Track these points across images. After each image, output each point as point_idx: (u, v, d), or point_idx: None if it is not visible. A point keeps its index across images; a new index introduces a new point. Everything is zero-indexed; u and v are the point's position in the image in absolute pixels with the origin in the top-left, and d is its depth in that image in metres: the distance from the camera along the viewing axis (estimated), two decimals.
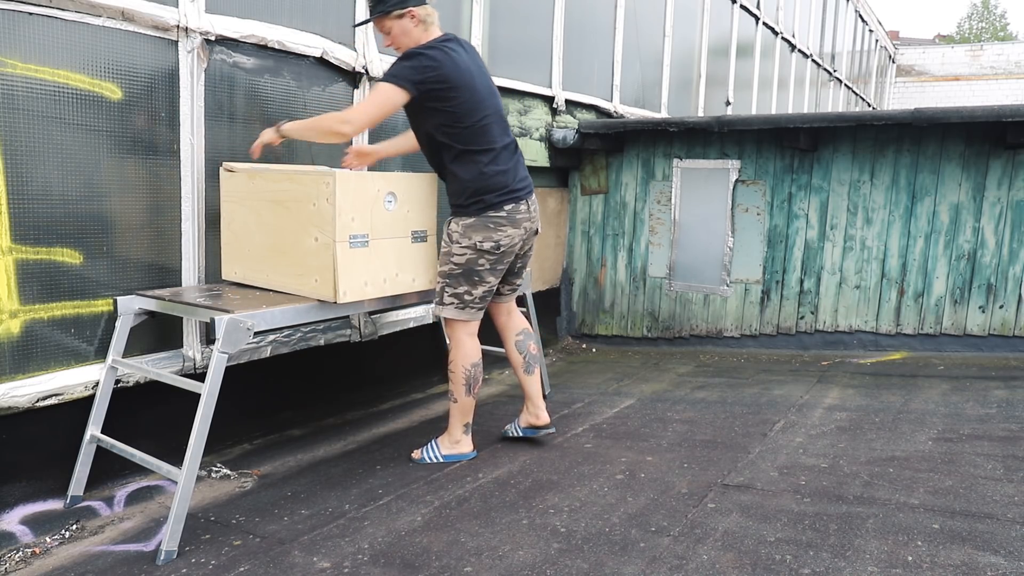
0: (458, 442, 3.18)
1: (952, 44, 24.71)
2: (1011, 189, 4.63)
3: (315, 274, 2.78)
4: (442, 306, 3.07)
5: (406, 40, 2.91)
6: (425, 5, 2.91)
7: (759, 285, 5.29)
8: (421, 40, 2.90)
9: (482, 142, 2.95)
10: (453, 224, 3.00)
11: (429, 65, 2.81)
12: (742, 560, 2.24)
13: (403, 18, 2.88)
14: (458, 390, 3.11)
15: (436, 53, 2.84)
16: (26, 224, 2.56)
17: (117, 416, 2.82)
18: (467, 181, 2.94)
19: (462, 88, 2.87)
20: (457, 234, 2.98)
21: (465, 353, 3.08)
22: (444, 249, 3.04)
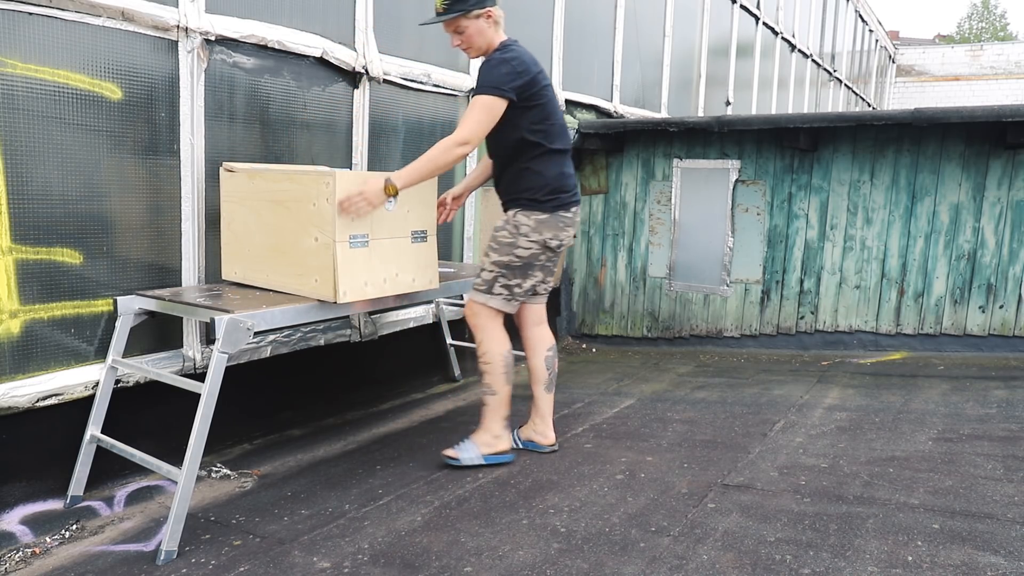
0: (498, 437, 3.09)
1: (952, 44, 24.71)
2: (1011, 189, 4.63)
3: (315, 274, 2.78)
4: (489, 295, 3.00)
5: (479, 40, 2.87)
6: (497, 6, 2.89)
7: (759, 285, 5.29)
8: (494, 41, 2.88)
9: (564, 142, 2.98)
10: (522, 216, 2.95)
11: (522, 70, 2.80)
12: (742, 560, 2.24)
13: (480, 18, 2.84)
14: (496, 380, 3.04)
15: (522, 55, 2.84)
16: (26, 224, 2.56)
17: (117, 416, 2.82)
18: (549, 178, 2.94)
19: (547, 86, 2.90)
20: (527, 227, 2.94)
21: (499, 340, 3.03)
22: (506, 240, 2.97)
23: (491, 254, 3.01)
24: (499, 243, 2.99)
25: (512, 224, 2.97)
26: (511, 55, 2.82)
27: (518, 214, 2.97)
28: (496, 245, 3.00)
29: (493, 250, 3.00)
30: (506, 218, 3.01)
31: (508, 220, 2.99)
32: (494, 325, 3.03)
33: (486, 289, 3.01)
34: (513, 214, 2.98)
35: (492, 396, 3.07)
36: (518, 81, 2.78)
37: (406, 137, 4.04)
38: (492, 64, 2.81)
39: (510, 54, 2.83)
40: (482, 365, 3.06)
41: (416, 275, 3.05)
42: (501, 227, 3.00)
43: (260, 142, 3.30)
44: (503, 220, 3.01)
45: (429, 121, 4.14)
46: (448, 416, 3.91)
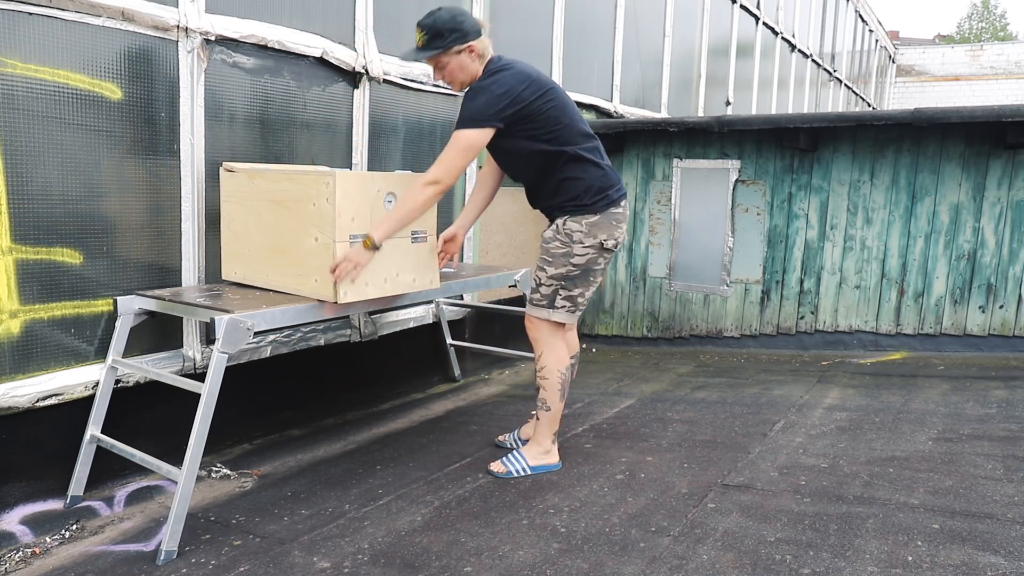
0: (548, 452, 3.02)
1: (952, 44, 24.70)
2: (1011, 189, 4.63)
3: (315, 274, 2.78)
4: (552, 310, 2.89)
5: (461, 75, 2.78)
6: (482, 37, 2.77)
7: (759, 285, 5.29)
8: (478, 71, 2.77)
9: (585, 139, 2.84)
10: (572, 223, 2.83)
11: (503, 92, 2.66)
12: (742, 560, 2.24)
13: (461, 54, 2.73)
14: (552, 396, 2.95)
15: (505, 76, 2.70)
16: (26, 224, 2.56)
17: (117, 416, 2.82)
18: (592, 179, 2.82)
19: (544, 94, 2.74)
20: (580, 233, 2.82)
21: (559, 357, 2.94)
22: (560, 251, 2.85)
23: (546, 268, 2.88)
24: (552, 255, 2.87)
25: (564, 233, 2.85)
26: (490, 81, 2.69)
27: (568, 221, 2.84)
28: (549, 258, 2.87)
29: (547, 263, 2.88)
30: (555, 227, 2.88)
31: (558, 229, 2.86)
32: (555, 340, 2.94)
33: (547, 304, 2.89)
34: (563, 222, 2.85)
35: (546, 412, 2.98)
36: (500, 106, 2.66)
37: (406, 137, 4.04)
38: (471, 96, 2.70)
39: (489, 80, 2.70)
40: (539, 380, 2.97)
41: (416, 275, 3.04)
42: (551, 238, 2.88)
43: (260, 142, 3.30)
44: (551, 230, 2.89)
45: (429, 121, 4.14)
46: (448, 416, 3.91)
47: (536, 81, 2.75)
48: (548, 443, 3.02)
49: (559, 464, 3.04)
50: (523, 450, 3.04)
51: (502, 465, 3.00)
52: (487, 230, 4.80)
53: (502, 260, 4.92)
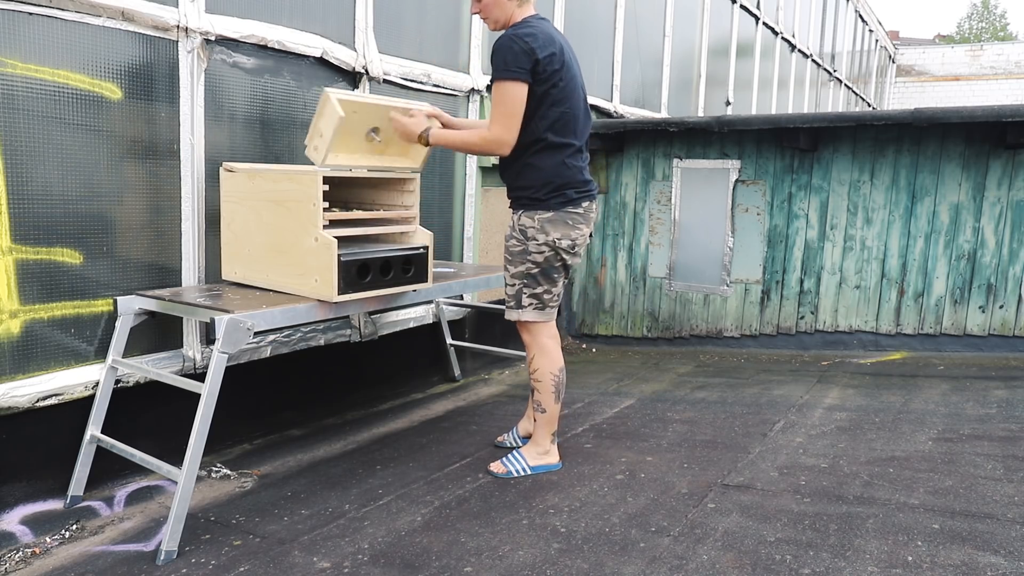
0: (547, 452, 3.01)
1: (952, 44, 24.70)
2: (1011, 189, 4.63)
3: (315, 274, 2.78)
4: (520, 310, 2.87)
5: (497, 12, 2.74)
6: None
7: (759, 285, 5.29)
8: (515, 17, 2.73)
9: (566, 134, 2.78)
10: (526, 219, 2.80)
11: (528, 48, 2.61)
12: (742, 560, 2.24)
13: None
14: (547, 399, 2.92)
15: (535, 31, 2.64)
16: (26, 224, 2.56)
17: (117, 416, 2.82)
18: (548, 173, 2.77)
19: (562, 68, 2.70)
20: (533, 229, 2.79)
21: (552, 359, 2.91)
22: (517, 248, 2.84)
23: (508, 267, 2.88)
24: (511, 253, 2.87)
25: (518, 230, 2.83)
26: (522, 32, 2.63)
27: (522, 216, 2.82)
28: (510, 256, 2.87)
29: (508, 262, 2.88)
30: (511, 224, 2.87)
31: (513, 226, 2.86)
32: (544, 339, 2.90)
33: (515, 304, 2.88)
34: (518, 218, 2.84)
35: (542, 414, 2.96)
36: (525, 60, 2.61)
37: None
38: (500, 45, 2.65)
39: (522, 30, 2.64)
40: (533, 382, 2.95)
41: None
42: (508, 235, 2.88)
43: (260, 142, 3.30)
44: (508, 228, 2.88)
45: None
46: (448, 416, 3.91)
47: (559, 53, 2.70)
48: (547, 443, 3.01)
49: (559, 464, 3.03)
50: (523, 450, 3.03)
51: (502, 465, 2.99)
52: (487, 230, 4.80)
53: (502, 260, 4.91)
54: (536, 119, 2.72)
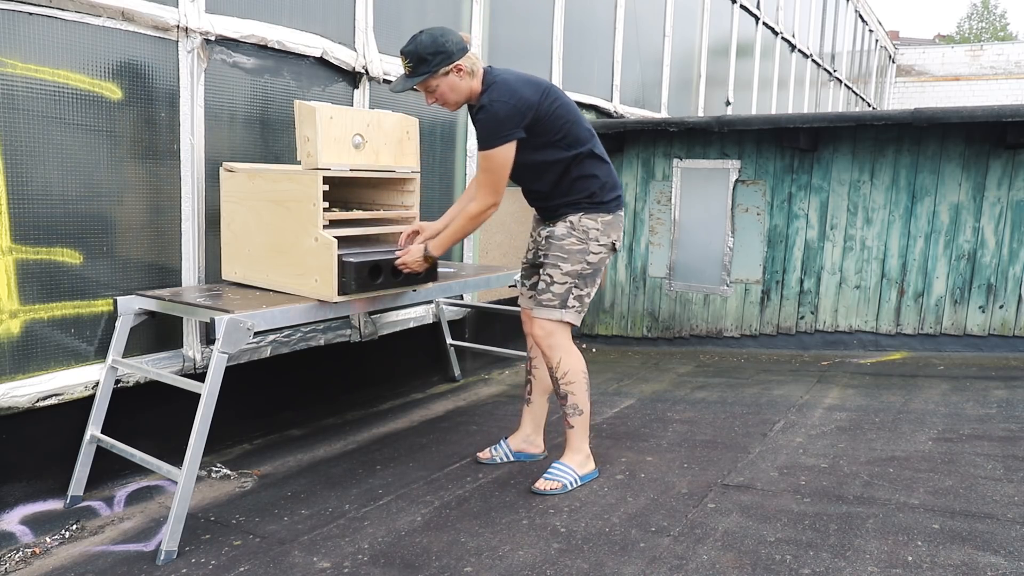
0: (588, 457, 2.91)
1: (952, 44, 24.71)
2: (1011, 189, 4.63)
3: (315, 274, 2.78)
4: (564, 310, 2.79)
5: (453, 96, 2.70)
6: (469, 54, 2.66)
7: (759, 285, 5.29)
8: (474, 88, 2.69)
9: (590, 135, 2.82)
10: (588, 221, 2.78)
11: (520, 105, 2.62)
12: (742, 560, 2.24)
13: (449, 75, 2.64)
14: (583, 399, 2.86)
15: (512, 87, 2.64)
16: (26, 224, 2.56)
17: (117, 416, 2.82)
18: (606, 176, 2.81)
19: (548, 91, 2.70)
20: (596, 231, 2.78)
21: (578, 356, 2.86)
22: (576, 247, 2.78)
23: (561, 265, 2.78)
24: (567, 251, 2.78)
25: (580, 230, 2.77)
26: (499, 94, 2.62)
27: (583, 218, 2.77)
28: (564, 254, 2.78)
29: (561, 260, 2.78)
30: (568, 224, 2.79)
31: (573, 226, 2.78)
32: (569, 342, 2.84)
33: (559, 304, 2.79)
34: (578, 218, 2.78)
35: (579, 416, 2.87)
36: (519, 118, 2.62)
37: None
38: (485, 113, 2.63)
39: (497, 94, 2.63)
40: (564, 385, 2.84)
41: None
42: (565, 234, 2.78)
43: (260, 142, 3.30)
44: (564, 227, 2.79)
45: (429, 121, 4.14)
46: (448, 416, 3.91)
47: (538, 84, 2.72)
48: (587, 448, 2.92)
49: (597, 472, 2.94)
50: (565, 460, 2.88)
51: (552, 482, 2.82)
52: (487, 230, 4.80)
53: (502, 260, 4.92)
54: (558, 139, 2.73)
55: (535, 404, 3.14)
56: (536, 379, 3.11)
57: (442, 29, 2.67)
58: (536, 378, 3.11)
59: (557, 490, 2.79)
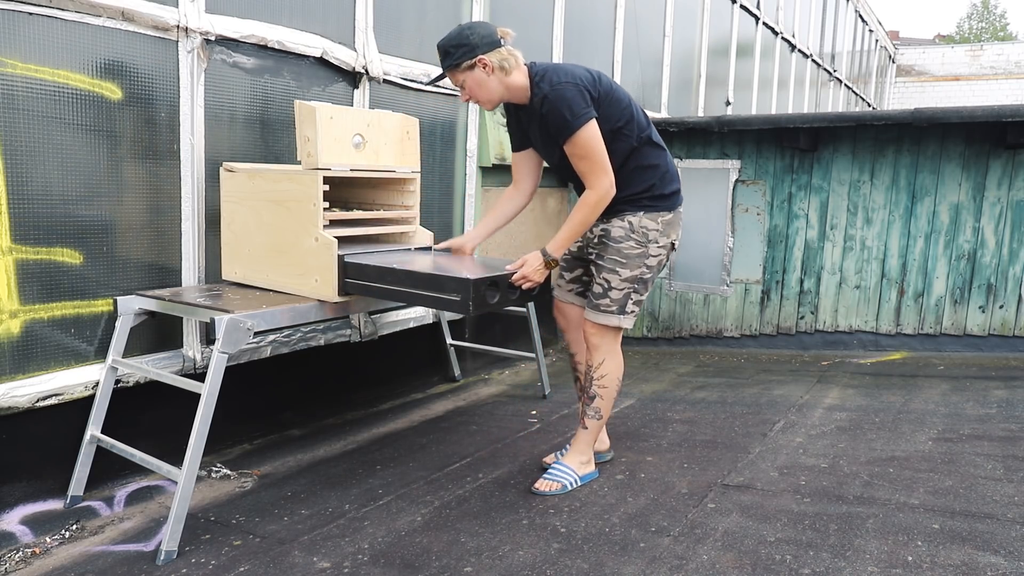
0: (590, 460, 2.89)
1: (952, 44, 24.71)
2: (1011, 189, 4.63)
3: (315, 274, 2.78)
4: (623, 315, 2.71)
5: (482, 92, 2.61)
6: (499, 49, 2.57)
7: (759, 285, 5.29)
8: (517, 80, 2.59)
9: (648, 124, 2.71)
10: (648, 221, 2.68)
11: (581, 83, 2.53)
12: (742, 560, 2.24)
13: (474, 68, 2.57)
14: (608, 405, 2.82)
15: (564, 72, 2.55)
16: (26, 224, 2.56)
17: (117, 416, 2.82)
18: (664, 166, 2.70)
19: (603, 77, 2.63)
20: (656, 232, 2.68)
21: (619, 364, 2.81)
22: (635, 251, 2.68)
23: (619, 270, 2.69)
24: (627, 256, 2.68)
25: (639, 232, 2.67)
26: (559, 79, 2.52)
27: (642, 219, 2.67)
28: (623, 259, 2.68)
29: (620, 265, 2.68)
30: (626, 226, 2.68)
31: (632, 228, 2.68)
32: (617, 345, 2.78)
33: (618, 310, 2.71)
34: (638, 219, 2.67)
35: (596, 420, 2.82)
36: (586, 95, 2.52)
37: None
38: (554, 100, 2.51)
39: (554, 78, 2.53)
40: (597, 387, 2.79)
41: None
42: (623, 237, 2.68)
43: (260, 142, 3.30)
44: (622, 229, 2.69)
45: (429, 121, 4.14)
46: (448, 416, 3.91)
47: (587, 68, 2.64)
48: (590, 452, 2.90)
49: (597, 472, 2.93)
50: (566, 460, 2.87)
51: (553, 482, 2.80)
52: None
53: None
54: (628, 126, 2.63)
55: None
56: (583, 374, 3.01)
57: (475, 23, 2.62)
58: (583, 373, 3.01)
59: (557, 491, 2.78)
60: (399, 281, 2.62)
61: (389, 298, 2.70)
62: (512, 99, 2.67)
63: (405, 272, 2.61)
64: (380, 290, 2.69)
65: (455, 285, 2.48)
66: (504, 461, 3.16)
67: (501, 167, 4.76)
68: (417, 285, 2.58)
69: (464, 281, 2.45)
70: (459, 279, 2.47)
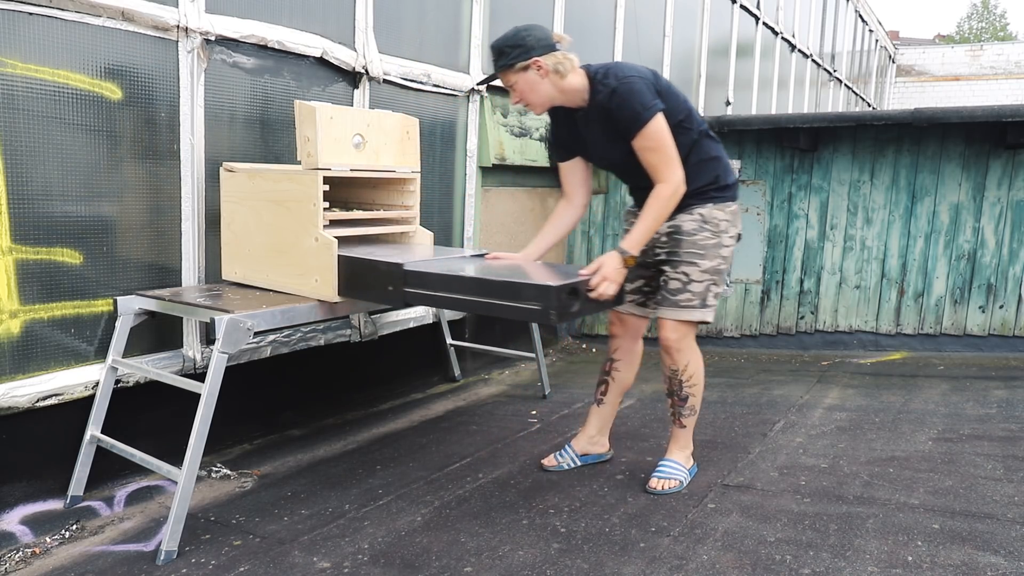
0: (691, 453, 2.91)
1: (952, 44, 24.72)
2: (1011, 189, 4.63)
3: (315, 274, 2.78)
4: (704, 309, 2.68)
5: (534, 96, 2.58)
6: (555, 52, 2.54)
7: (759, 285, 5.29)
8: (567, 86, 2.56)
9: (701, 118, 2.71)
10: (718, 212, 2.66)
11: (643, 76, 2.52)
12: (742, 560, 2.24)
13: (528, 70, 2.53)
14: (700, 399, 2.83)
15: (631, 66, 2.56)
16: (26, 224, 2.56)
17: (117, 416, 2.82)
18: (724, 157, 2.69)
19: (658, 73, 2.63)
20: (727, 222, 2.67)
21: (701, 359, 2.81)
22: (711, 242, 2.65)
23: (698, 262, 2.64)
24: (703, 247, 2.65)
25: (712, 222, 2.65)
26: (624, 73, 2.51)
27: (712, 210, 2.65)
28: (700, 251, 2.65)
29: (699, 257, 2.64)
30: (697, 217, 2.65)
31: (704, 219, 2.65)
32: (695, 344, 2.78)
33: (700, 303, 2.67)
34: (708, 211, 2.65)
35: (693, 416, 2.85)
36: (652, 88, 2.51)
37: None
38: (623, 93, 2.48)
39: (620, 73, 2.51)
40: (688, 388, 2.79)
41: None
42: (696, 229, 2.64)
43: (260, 142, 3.30)
44: (694, 222, 2.65)
45: (429, 121, 4.14)
46: (448, 416, 3.91)
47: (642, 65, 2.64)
48: (691, 445, 2.91)
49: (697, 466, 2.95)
50: (674, 457, 2.85)
51: (669, 480, 2.78)
52: (487, 230, 4.80)
53: None
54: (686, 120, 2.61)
55: (607, 405, 3.07)
56: (614, 381, 3.03)
57: (531, 25, 2.58)
58: (615, 380, 3.03)
59: (674, 488, 2.76)
60: (467, 289, 2.41)
61: (455, 308, 2.54)
62: (566, 102, 2.62)
63: (475, 280, 2.40)
64: (445, 300, 2.49)
65: (535, 293, 2.28)
66: (504, 461, 3.16)
67: (501, 167, 4.77)
68: (490, 293, 2.36)
69: (545, 288, 2.26)
70: (539, 286, 2.28)
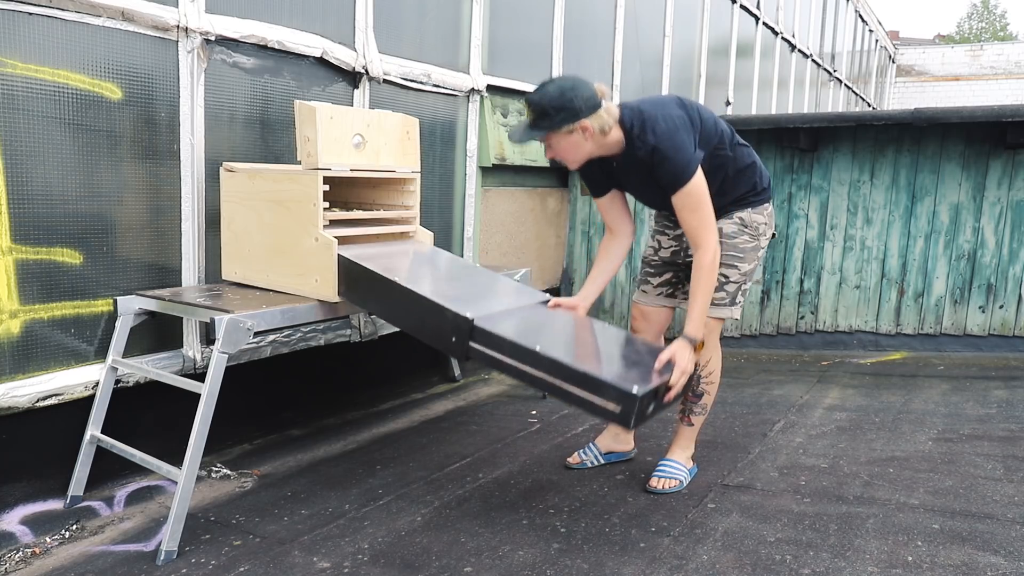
0: (693, 454, 2.93)
1: (952, 44, 24.73)
2: (1011, 189, 4.63)
3: (315, 274, 2.78)
4: (734, 306, 2.74)
5: (573, 155, 2.52)
6: (599, 111, 2.43)
7: (759, 285, 5.29)
8: (602, 145, 2.51)
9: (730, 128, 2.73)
10: (756, 216, 2.72)
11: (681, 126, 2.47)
12: (742, 560, 2.24)
13: (573, 133, 2.44)
14: (712, 400, 2.84)
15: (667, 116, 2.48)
16: (26, 224, 2.56)
17: (117, 416, 2.82)
18: (758, 163, 2.73)
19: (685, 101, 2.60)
20: (764, 225, 2.74)
21: (721, 359, 2.82)
22: (750, 244, 2.71)
23: (737, 264, 2.70)
24: (743, 250, 2.70)
25: (751, 226, 2.71)
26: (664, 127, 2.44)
27: (751, 214, 2.71)
28: (740, 253, 2.70)
29: (738, 259, 2.70)
30: (737, 221, 2.70)
31: (744, 222, 2.70)
32: (719, 342, 2.82)
33: (730, 301, 2.72)
34: (747, 215, 2.71)
35: (702, 416, 2.86)
36: (692, 139, 2.49)
37: None
38: (664, 154, 2.44)
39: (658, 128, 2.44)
40: (705, 384, 2.78)
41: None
42: (737, 232, 2.70)
43: (260, 142, 3.30)
44: (734, 225, 2.70)
45: (429, 121, 4.14)
46: (448, 416, 3.91)
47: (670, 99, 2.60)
48: (693, 447, 2.92)
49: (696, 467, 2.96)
50: (674, 457, 2.87)
51: (670, 480, 2.80)
52: (487, 230, 4.80)
53: (502, 260, 4.91)
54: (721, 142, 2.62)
55: None
56: None
57: (573, 81, 2.44)
58: None
59: (674, 487, 2.77)
60: (541, 365, 2.23)
61: (523, 381, 2.34)
62: (604, 154, 2.57)
63: (551, 360, 2.21)
64: (514, 369, 2.31)
65: (617, 395, 2.11)
66: (504, 461, 3.16)
67: (501, 167, 4.77)
68: (567, 379, 2.18)
69: (630, 397, 2.09)
70: (624, 392, 2.10)
